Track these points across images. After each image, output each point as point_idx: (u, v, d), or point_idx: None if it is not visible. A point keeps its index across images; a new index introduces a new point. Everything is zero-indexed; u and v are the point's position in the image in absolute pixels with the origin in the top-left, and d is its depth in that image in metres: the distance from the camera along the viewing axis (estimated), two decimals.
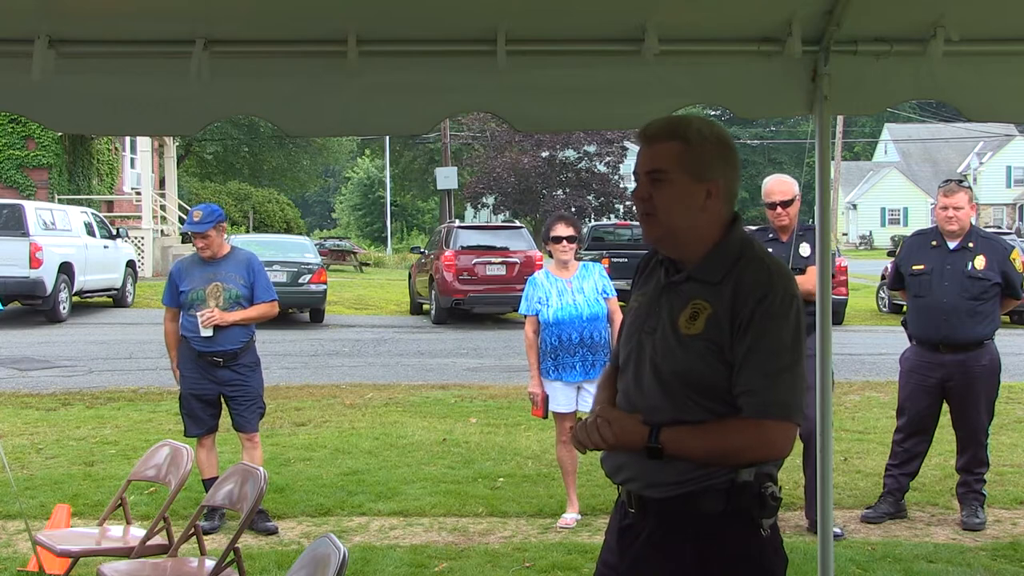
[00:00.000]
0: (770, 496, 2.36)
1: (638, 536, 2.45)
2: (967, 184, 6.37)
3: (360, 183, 69.65)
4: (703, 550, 2.35)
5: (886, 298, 20.89)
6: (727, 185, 2.45)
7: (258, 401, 6.24)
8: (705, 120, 2.49)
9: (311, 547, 3.21)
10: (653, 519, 2.42)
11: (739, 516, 2.35)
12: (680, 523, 2.38)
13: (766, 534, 2.37)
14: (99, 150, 28.37)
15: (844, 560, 5.38)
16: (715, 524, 2.35)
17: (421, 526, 6.17)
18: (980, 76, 3.86)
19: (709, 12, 3.68)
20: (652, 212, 2.44)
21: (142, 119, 4.01)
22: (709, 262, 2.42)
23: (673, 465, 2.35)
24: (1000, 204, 60.85)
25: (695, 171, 2.40)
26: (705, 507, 2.35)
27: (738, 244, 2.44)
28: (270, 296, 6.23)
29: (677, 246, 2.48)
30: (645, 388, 2.42)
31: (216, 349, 6.08)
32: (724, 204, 2.45)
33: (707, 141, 2.43)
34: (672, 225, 2.44)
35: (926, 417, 6.16)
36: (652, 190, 2.43)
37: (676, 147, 2.41)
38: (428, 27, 3.68)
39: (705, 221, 2.43)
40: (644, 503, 2.44)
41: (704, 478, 2.34)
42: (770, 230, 6.09)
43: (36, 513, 6.16)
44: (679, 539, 2.37)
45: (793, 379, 2.33)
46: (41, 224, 17.68)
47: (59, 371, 12.49)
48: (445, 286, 18.25)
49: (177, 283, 6.16)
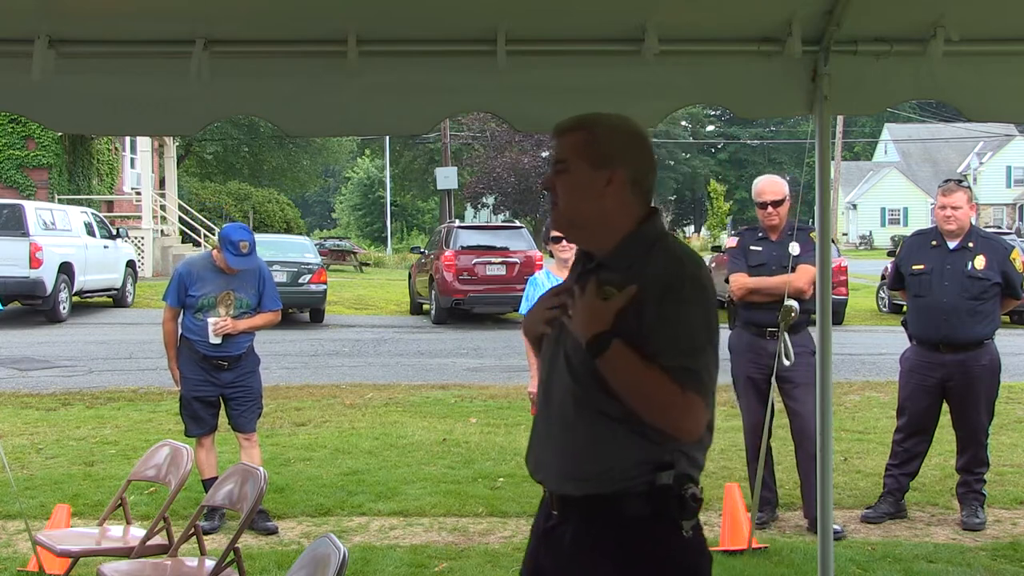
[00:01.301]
0: (691, 498, 2.33)
1: (562, 539, 2.42)
2: (966, 184, 6.37)
3: (360, 183, 69.65)
4: (625, 554, 2.32)
5: (886, 298, 20.88)
6: (635, 176, 2.43)
7: (258, 401, 6.29)
8: (622, 116, 2.50)
9: (311, 547, 3.20)
10: (576, 522, 2.39)
11: (660, 519, 2.32)
12: (601, 526, 2.35)
13: (688, 535, 2.34)
14: (99, 150, 28.37)
15: (844, 560, 5.38)
16: (637, 528, 2.32)
17: (421, 526, 6.17)
18: (980, 76, 3.86)
19: (709, 12, 3.68)
20: (555, 201, 2.46)
21: (142, 119, 4.01)
22: (619, 251, 2.40)
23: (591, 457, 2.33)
24: (1000, 204, 60.84)
25: (594, 159, 2.40)
26: (625, 510, 2.32)
27: (650, 235, 2.42)
28: (276, 305, 6.34)
29: (584, 236, 2.49)
30: (556, 380, 2.41)
31: (222, 354, 6.11)
32: (634, 196, 2.43)
33: (614, 131, 2.44)
34: (572, 213, 2.45)
35: (926, 417, 6.16)
36: (555, 179, 2.45)
37: (579, 137, 2.43)
38: (428, 27, 3.69)
39: (609, 210, 2.41)
40: (565, 504, 2.41)
41: (622, 479, 2.31)
42: (760, 229, 6.11)
43: (36, 513, 6.16)
44: (602, 543, 2.34)
45: (707, 360, 2.30)
46: (41, 224, 17.68)
47: (59, 371, 12.49)
48: (445, 286, 18.25)
49: (186, 285, 6.14)
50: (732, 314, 6.36)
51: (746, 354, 6.01)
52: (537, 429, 2.52)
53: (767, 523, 6.05)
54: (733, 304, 6.21)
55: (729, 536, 5.62)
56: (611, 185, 2.40)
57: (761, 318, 5.92)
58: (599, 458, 2.33)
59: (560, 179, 2.44)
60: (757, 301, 5.94)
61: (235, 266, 6.10)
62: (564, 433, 2.39)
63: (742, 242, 6.18)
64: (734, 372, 6.15)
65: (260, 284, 6.23)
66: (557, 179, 2.45)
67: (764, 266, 5.98)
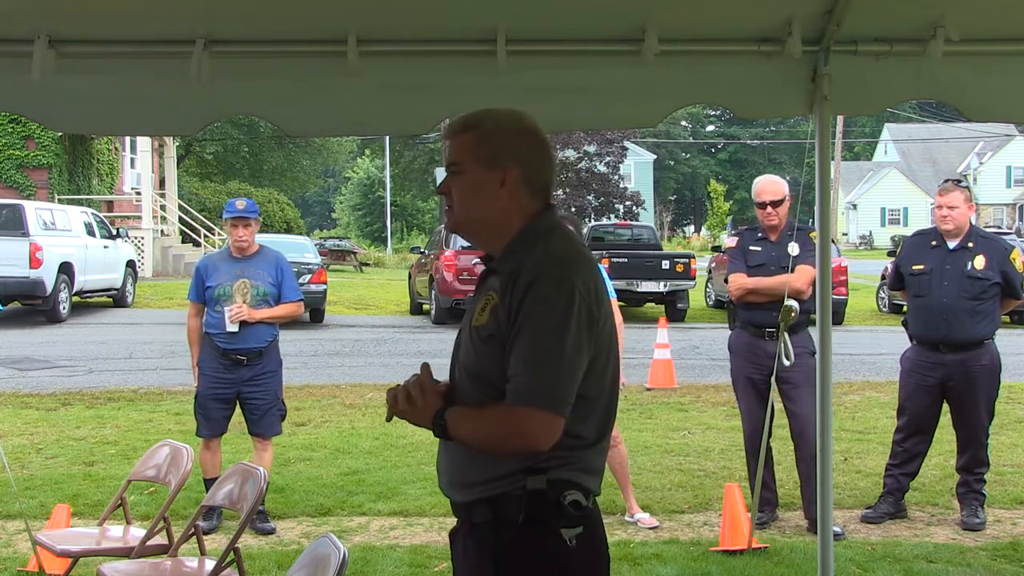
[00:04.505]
0: (571, 504, 2.26)
1: (458, 544, 2.41)
2: (965, 184, 6.39)
3: (360, 183, 69.61)
4: (503, 558, 2.28)
5: (886, 298, 20.88)
6: (528, 174, 2.36)
7: (277, 404, 6.19)
8: (511, 111, 2.44)
9: (311, 547, 3.20)
10: (466, 527, 2.37)
11: (535, 526, 2.26)
12: (484, 532, 2.31)
13: (572, 545, 2.26)
14: (99, 150, 28.37)
15: (844, 560, 5.38)
16: (516, 533, 2.27)
17: (421, 526, 6.17)
18: (980, 76, 3.86)
19: (709, 12, 3.68)
20: (451, 204, 2.41)
21: (142, 119, 4.01)
22: (507, 253, 2.35)
23: (471, 465, 2.31)
24: (1000, 204, 60.84)
25: (485, 159, 2.35)
26: (505, 514, 2.27)
27: (538, 232, 2.34)
28: (297, 296, 6.24)
29: (479, 238, 2.44)
30: (456, 384, 2.39)
31: (240, 347, 6.03)
32: (527, 193, 2.37)
33: (503, 129, 2.38)
34: (466, 216, 2.40)
35: (926, 417, 6.16)
36: (450, 182, 2.40)
37: (470, 138, 2.38)
38: (428, 27, 3.69)
39: (504, 210, 2.36)
40: (457, 509, 2.40)
41: (497, 484, 2.27)
42: (760, 230, 6.12)
43: (36, 513, 6.16)
44: (483, 549, 2.32)
45: (557, 368, 2.19)
46: (41, 224, 17.68)
47: (59, 371, 12.49)
48: (445, 286, 18.26)
49: (204, 278, 6.11)
50: (732, 315, 6.38)
51: (745, 355, 6.02)
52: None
53: (767, 523, 6.05)
54: (732, 305, 6.21)
55: (729, 536, 5.62)
56: (504, 186, 2.35)
57: (760, 319, 5.93)
58: (479, 464, 2.30)
59: (455, 182, 2.39)
60: (756, 302, 5.94)
61: (233, 215, 6.05)
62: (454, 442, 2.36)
63: (741, 242, 6.19)
64: (733, 373, 6.16)
65: (278, 274, 6.15)
66: (452, 182, 2.39)
67: (763, 266, 5.99)
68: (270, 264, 6.16)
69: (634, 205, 42.68)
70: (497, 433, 2.24)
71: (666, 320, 13.07)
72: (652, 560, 5.44)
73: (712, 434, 8.63)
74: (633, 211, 42.43)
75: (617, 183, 42.54)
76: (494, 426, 2.24)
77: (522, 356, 2.21)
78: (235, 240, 6.11)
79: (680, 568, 5.33)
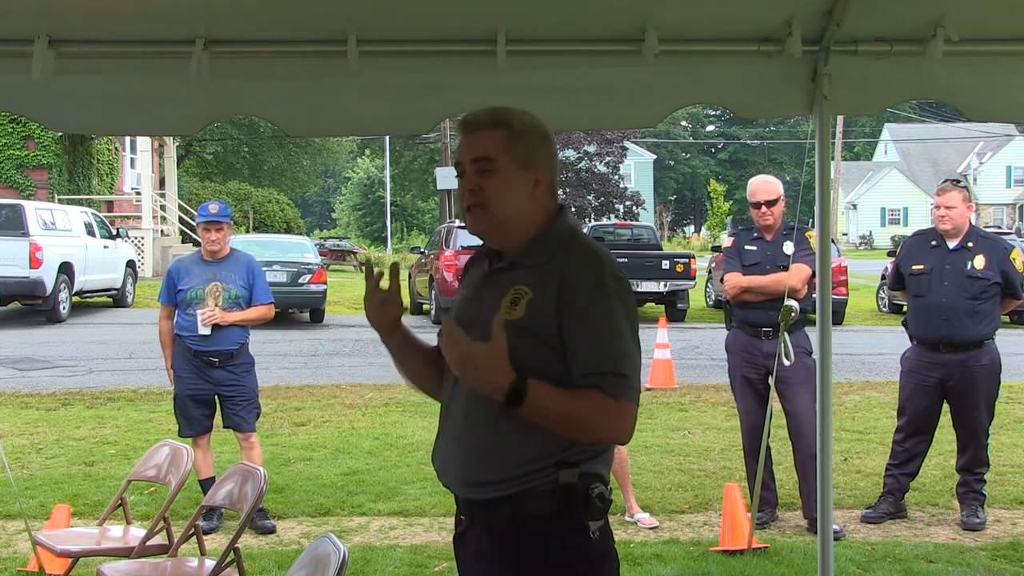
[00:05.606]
0: (597, 497, 2.28)
1: (470, 544, 2.37)
2: (963, 184, 6.39)
3: (360, 183, 69.61)
4: (528, 554, 2.27)
5: (886, 298, 20.88)
6: (552, 176, 2.42)
7: (254, 401, 6.24)
8: (524, 110, 2.44)
9: (311, 547, 3.20)
10: (480, 526, 2.34)
11: (564, 520, 2.26)
12: (505, 530, 2.29)
13: (595, 537, 2.28)
14: (99, 150, 28.36)
15: (844, 560, 5.38)
16: (540, 529, 2.26)
17: (421, 526, 6.17)
18: (980, 76, 3.86)
19: (709, 12, 3.68)
20: (483, 203, 2.36)
21: (142, 119, 4.01)
22: (530, 248, 2.36)
23: (495, 462, 2.28)
24: (1000, 204, 60.84)
25: (521, 159, 2.35)
26: (530, 511, 2.26)
27: (562, 231, 2.39)
28: (268, 299, 6.28)
29: (504, 236, 2.41)
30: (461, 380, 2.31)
31: (213, 349, 6.08)
32: (549, 194, 2.42)
33: (530, 130, 2.39)
34: (503, 215, 2.37)
35: (926, 417, 6.16)
36: (481, 180, 2.36)
37: (502, 135, 2.35)
38: (428, 27, 3.69)
39: (532, 210, 2.38)
40: (472, 508, 2.36)
41: (525, 479, 2.25)
42: (755, 229, 6.13)
43: (36, 513, 6.16)
44: (503, 548, 2.29)
45: (638, 363, 2.29)
46: (41, 224, 17.68)
47: (59, 371, 12.48)
48: (445, 286, 18.24)
49: (175, 281, 6.16)
50: (728, 314, 6.38)
51: (741, 354, 6.03)
52: (443, 429, 2.45)
53: (767, 523, 6.05)
54: (728, 305, 6.21)
55: (729, 536, 5.62)
56: (538, 186, 2.38)
57: (756, 318, 5.94)
58: (502, 459, 2.27)
59: (488, 179, 2.35)
60: (751, 301, 5.95)
61: (205, 219, 6.09)
62: (467, 435, 2.34)
63: (737, 242, 6.20)
64: (731, 372, 6.16)
65: (249, 277, 6.18)
66: (484, 179, 2.36)
67: (758, 265, 6.00)
68: (242, 267, 6.20)
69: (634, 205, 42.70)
70: (593, 419, 2.23)
71: (666, 320, 13.10)
72: (652, 560, 5.44)
73: (712, 434, 8.64)
74: (633, 211, 42.47)
75: (617, 183, 42.56)
76: (592, 412, 2.22)
77: (606, 351, 2.23)
78: (207, 243, 6.16)
79: (680, 568, 5.33)
